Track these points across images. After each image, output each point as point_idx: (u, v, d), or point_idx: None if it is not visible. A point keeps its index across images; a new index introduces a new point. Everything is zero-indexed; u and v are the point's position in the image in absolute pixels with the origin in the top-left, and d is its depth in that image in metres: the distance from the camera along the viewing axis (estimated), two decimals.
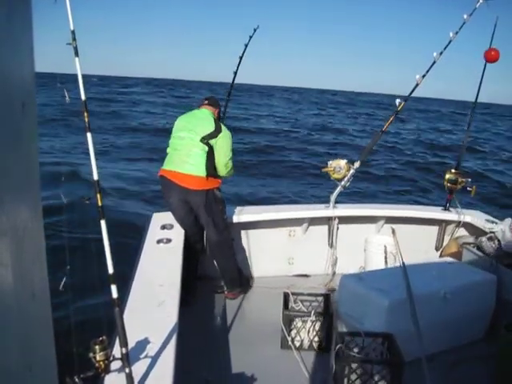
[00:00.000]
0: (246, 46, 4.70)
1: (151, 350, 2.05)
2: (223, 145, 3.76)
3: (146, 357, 1.99)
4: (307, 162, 14.57)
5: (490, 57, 4.16)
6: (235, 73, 4.82)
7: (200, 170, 3.68)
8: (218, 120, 3.97)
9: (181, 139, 3.78)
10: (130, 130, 20.48)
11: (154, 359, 1.99)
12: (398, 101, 4.25)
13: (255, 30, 4.65)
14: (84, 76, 1.90)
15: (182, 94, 52.47)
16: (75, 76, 1.88)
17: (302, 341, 3.29)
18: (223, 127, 3.81)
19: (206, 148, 3.70)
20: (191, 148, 3.71)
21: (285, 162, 14.76)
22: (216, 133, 3.73)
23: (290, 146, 18.19)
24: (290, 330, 3.29)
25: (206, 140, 3.69)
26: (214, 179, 3.77)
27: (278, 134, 21.90)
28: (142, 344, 2.06)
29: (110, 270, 1.78)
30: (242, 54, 4.74)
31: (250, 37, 4.67)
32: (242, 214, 4.28)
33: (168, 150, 3.90)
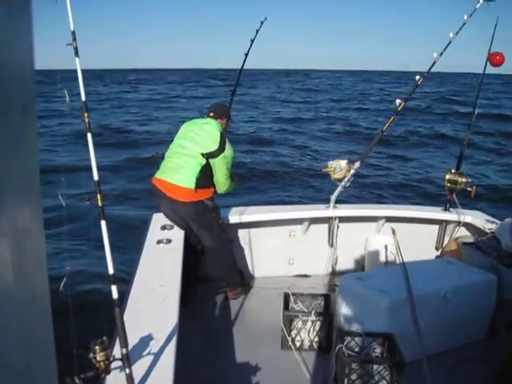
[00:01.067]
0: (253, 41, 4.59)
1: (151, 350, 2.05)
2: (222, 165, 3.71)
3: (146, 357, 1.99)
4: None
5: (496, 61, 4.13)
6: (240, 70, 4.74)
7: (189, 182, 3.60)
8: (225, 131, 3.94)
9: (182, 148, 3.73)
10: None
11: (155, 359, 2.00)
12: (398, 101, 4.25)
13: (262, 23, 4.52)
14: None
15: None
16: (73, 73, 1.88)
17: (302, 341, 3.29)
18: (227, 145, 3.74)
19: (204, 162, 3.64)
20: (188, 159, 3.65)
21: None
22: (218, 152, 3.66)
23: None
24: (291, 330, 3.29)
25: (205, 156, 3.65)
26: (203, 190, 3.68)
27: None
28: (143, 344, 2.06)
29: (111, 271, 1.78)
30: (248, 50, 4.64)
31: (257, 31, 4.54)
32: (242, 215, 4.28)
33: (165, 154, 3.86)
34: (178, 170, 3.65)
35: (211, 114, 3.93)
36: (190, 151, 3.67)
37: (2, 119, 0.63)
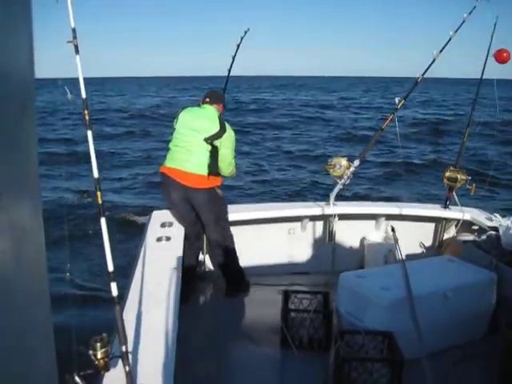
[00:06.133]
0: (238, 46, 4.73)
1: (151, 347, 2.05)
2: (228, 145, 3.76)
3: (145, 355, 2.00)
4: None
5: (502, 58, 4.11)
6: (229, 70, 4.82)
7: (202, 169, 3.67)
8: (222, 115, 3.96)
9: (184, 136, 3.76)
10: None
11: (154, 357, 2.00)
12: (397, 99, 4.25)
13: (246, 33, 4.68)
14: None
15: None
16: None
17: (301, 339, 3.29)
18: (227, 126, 3.79)
19: (210, 147, 3.69)
20: (194, 146, 3.70)
21: None
22: (221, 133, 3.71)
23: None
24: (290, 328, 3.29)
25: (210, 140, 3.68)
26: (215, 177, 3.76)
27: None
28: (142, 342, 2.07)
29: (110, 268, 1.78)
30: (235, 54, 4.75)
31: (242, 38, 4.69)
32: (241, 212, 4.28)
33: (170, 145, 3.88)
34: (188, 158, 3.70)
35: (207, 100, 3.96)
36: (194, 139, 3.72)
37: (2, 119, 0.63)
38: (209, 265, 4.33)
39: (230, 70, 4.83)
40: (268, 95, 50.84)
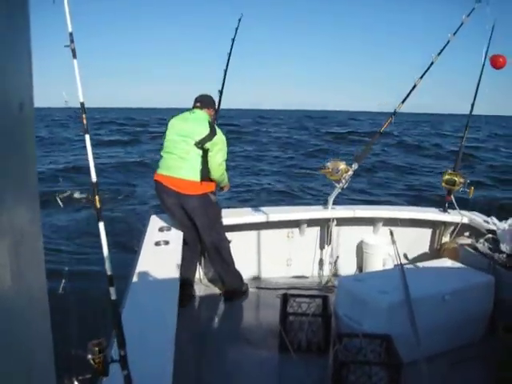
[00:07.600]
0: (233, 39, 4.53)
1: (149, 352, 2.05)
2: (218, 147, 3.74)
3: (144, 359, 1.99)
4: None
5: (498, 63, 4.09)
6: (225, 71, 4.57)
7: (194, 175, 3.67)
8: (214, 121, 3.94)
9: (176, 143, 3.76)
10: None
11: (153, 361, 1.99)
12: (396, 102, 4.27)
13: (240, 20, 4.50)
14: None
15: None
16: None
17: (300, 342, 3.29)
18: (218, 130, 3.78)
19: (201, 152, 3.68)
20: (186, 152, 3.69)
21: None
22: (211, 135, 3.69)
23: None
24: (288, 332, 3.29)
25: (200, 144, 3.67)
26: (208, 183, 3.76)
27: None
28: (141, 346, 2.06)
29: (109, 272, 1.78)
30: (231, 50, 4.54)
31: (236, 28, 4.52)
32: (239, 216, 4.28)
33: (162, 152, 3.87)
34: (182, 165, 3.70)
35: (198, 105, 3.94)
36: (186, 145, 3.71)
37: (0, 119, 0.63)
38: (207, 269, 4.32)
39: (226, 71, 4.64)
40: None
